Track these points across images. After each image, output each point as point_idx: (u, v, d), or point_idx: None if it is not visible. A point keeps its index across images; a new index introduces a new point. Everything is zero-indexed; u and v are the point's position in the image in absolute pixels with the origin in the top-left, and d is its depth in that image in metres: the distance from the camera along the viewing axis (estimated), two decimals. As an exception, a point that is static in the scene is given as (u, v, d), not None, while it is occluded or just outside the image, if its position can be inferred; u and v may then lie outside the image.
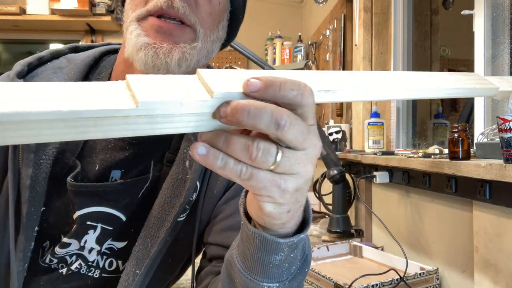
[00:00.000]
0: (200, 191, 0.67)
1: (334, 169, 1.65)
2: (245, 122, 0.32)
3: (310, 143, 0.35)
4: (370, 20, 1.89)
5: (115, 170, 0.66)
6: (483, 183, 0.93)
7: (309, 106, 0.34)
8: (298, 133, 0.33)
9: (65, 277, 0.66)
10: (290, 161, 0.34)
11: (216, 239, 0.66)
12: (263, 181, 0.34)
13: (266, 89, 0.33)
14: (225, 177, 0.35)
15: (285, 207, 0.37)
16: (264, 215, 0.38)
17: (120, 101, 0.30)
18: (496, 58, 1.22)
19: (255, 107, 0.32)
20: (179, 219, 0.65)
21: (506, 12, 1.20)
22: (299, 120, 0.33)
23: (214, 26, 0.64)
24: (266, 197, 0.36)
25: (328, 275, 1.16)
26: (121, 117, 0.29)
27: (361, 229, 1.73)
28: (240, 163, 0.34)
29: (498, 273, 0.94)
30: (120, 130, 0.30)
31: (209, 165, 0.34)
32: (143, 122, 0.30)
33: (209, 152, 0.33)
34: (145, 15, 0.60)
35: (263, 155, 0.33)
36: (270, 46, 3.30)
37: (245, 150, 0.33)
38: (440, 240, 1.22)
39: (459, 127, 0.99)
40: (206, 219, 0.69)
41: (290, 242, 0.42)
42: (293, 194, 0.36)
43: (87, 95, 0.30)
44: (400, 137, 1.79)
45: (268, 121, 0.32)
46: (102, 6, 3.07)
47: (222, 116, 0.32)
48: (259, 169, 0.34)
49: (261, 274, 0.44)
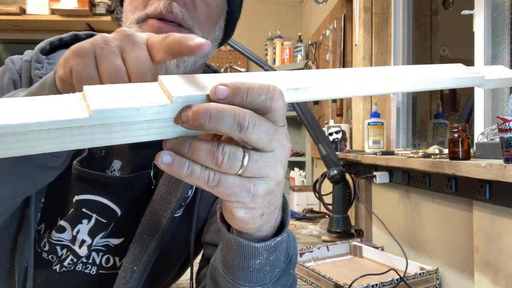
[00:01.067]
0: (197, 189, 0.67)
1: (334, 169, 1.66)
2: (207, 126, 0.31)
3: (277, 144, 0.34)
4: (370, 20, 1.89)
5: (116, 160, 0.67)
6: (483, 183, 0.93)
7: (279, 109, 0.33)
8: (264, 134, 0.32)
9: (61, 274, 0.66)
10: (258, 164, 0.33)
11: (213, 239, 0.66)
12: (231, 187, 0.33)
13: (233, 96, 0.32)
14: (193, 184, 0.34)
15: (257, 211, 0.36)
16: (237, 220, 0.37)
17: (72, 111, 0.29)
18: (496, 58, 1.22)
19: (216, 110, 0.31)
20: (176, 215, 0.65)
21: (506, 12, 1.20)
22: (264, 121, 0.32)
23: (211, 27, 0.65)
24: (236, 203, 0.35)
25: (328, 275, 1.16)
26: (75, 128, 0.28)
27: (361, 229, 1.73)
28: (207, 170, 0.32)
29: (498, 273, 0.94)
30: (74, 142, 0.29)
31: (175, 174, 0.32)
32: (100, 132, 0.29)
33: (174, 160, 0.32)
34: (144, 18, 0.61)
35: (229, 159, 0.32)
36: (270, 46, 3.30)
37: (211, 155, 0.32)
38: (440, 240, 1.22)
39: (459, 127, 0.99)
40: (204, 216, 0.69)
41: (267, 245, 0.41)
42: (265, 198, 0.35)
43: (40, 108, 0.28)
44: (400, 137, 1.79)
45: (231, 123, 0.31)
46: (102, 6, 3.07)
47: (184, 121, 0.31)
48: (226, 175, 0.33)
49: (242, 279, 0.44)
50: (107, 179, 0.65)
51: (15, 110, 0.28)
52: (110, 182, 0.65)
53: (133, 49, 0.37)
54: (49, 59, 0.67)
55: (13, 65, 0.66)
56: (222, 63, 3.39)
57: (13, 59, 0.68)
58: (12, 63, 0.67)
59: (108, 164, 0.67)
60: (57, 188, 0.65)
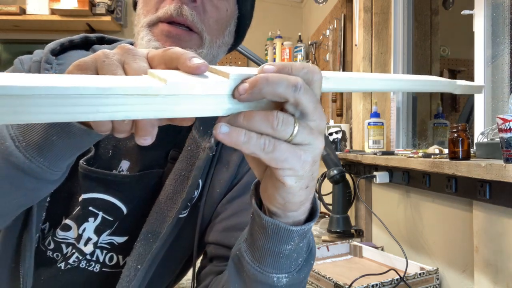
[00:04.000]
0: (203, 189, 0.68)
1: (334, 169, 1.66)
2: (265, 89, 0.34)
3: (318, 115, 0.37)
4: (370, 20, 1.89)
5: (124, 160, 0.68)
6: (483, 183, 0.93)
7: (318, 81, 0.37)
8: (311, 99, 0.36)
9: (65, 271, 0.66)
10: (305, 131, 0.36)
11: (217, 239, 0.66)
12: (285, 152, 0.36)
13: (280, 71, 0.36)
14: (249, 153, 0.36)
15: (304, 181, 0.39)
16: (286, 191, 0.39)
17: (149, 81, 0.33)
18: (496, 58, 1.22)
19: (272, 75, 0.35)
20: (181, 215, 0.65)
21: (506, 12, 1.20)
22: (310, 89, 0.36)
23: (220, 32, 0.67)
24: (287, 170, 0.37)
25: (328, 275, 1.16)
26: (151, 96, 0.32)
27: (361, 229, 1.73)
28: (263, 137, 0.35)
29: (498, 273, 0.94)
30: (150, 110, 0.32)
31: (233, 142, 0.35)
32: (170, 103, 0.32)
33: (232, 129, 0.35)
34: (155, 22, 0.62)
35: (283, 124, 0.35)
36: (270, 46, 3.30)
37: (266, 120, 0.35)
38: (440, 240, 1.22)
39: (459, 127, 0.99)
40: (208, 218, 0.69)
41: (301, 230, 0.43)
42: (311, 166, 0.38)
43: (118, 79, 0.32)
44: (400, 137, 1.79)
45: (286, 85, 0.34)
46: (102, 6, 3.06)
47: (242, 93, 0.34)
48: (280, 141, 0.36)
49: (270, 265, 0.46)
50: (114, 177, 0.66)
51: (96, 79, 0.31)
52: (117, 181, 0.65)
53: (134, 60, 0.38)
54: (59, 60, 0.68)
55: (21, 65, 0.67)
56: (222, 63, 3.39)
57: (22, 59, 0.69)
58: (20, 64, 0.68)
59: (115, 164, 0.67)
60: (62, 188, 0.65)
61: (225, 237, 0.65)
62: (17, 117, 0.28)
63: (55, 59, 0.68)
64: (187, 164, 0.66)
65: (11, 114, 0.27)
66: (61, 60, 0.69)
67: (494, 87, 1.23)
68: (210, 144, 0.67)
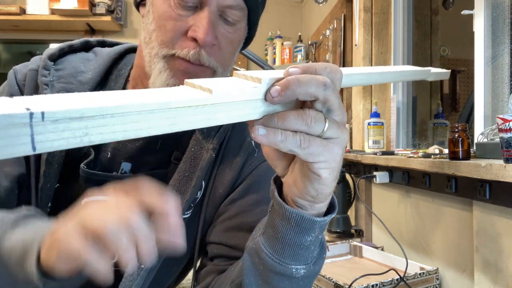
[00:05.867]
0: (206, 190, 0.68)
1: (334, 169, 1.65)
2: (298, 90, 0.37)
3: (342, 110, 0.41)
4: (370, 20, 1.89)
5: (125, 162, 0.68)
6: (483, 183, 0.93)
7: (340, 79, 0.41)
8: (337, 95, 0.39)
9: None
10: (334, 126, 0.39)
11: (220, 238, 0.66)
12: (319, 147, 0.39)
13: (305, 72, 0.39)
14: (287, 150, 0.38)
15: (335, 173, 0.42)
16: (320, 183, 0.42)
17: (196, 92, 0.35)
18: (496, 58, 1.22)
19: (303, 76, 0.38)
20: (184, 216, 0.66)
21: (506, 12, 1.20)
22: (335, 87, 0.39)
23: (231, 59, 0.69)
24: (322, 163, 0.40)
25: (328, 275, 1.16)
26: (200, 106, 0.34)
27: (361, 229, 1.73)
28: (298, 134, 0.38)
29: (498, 273, 0.94)
30: (199, 120, 0.34)
31: (272, 142, 0.38)
32: (214, 111, 0.35)
33: (269, 130, 0.38)
34: (171, 55, 0.63)
35: (316, 121, 0.38)
36: (270, 46, 3.30)
37: (300, 118, 0.38)
38: (440, 240, 1.22)
39: (459, 127, 0.99)
40: (210, 218, 0.69)
41: (323, 221, 0.46)
42: (340, 159, 0.41)
43: (165, 94, 0.34)
44: (400, 137, 1.79)
45: (316, 84, 0.37)
46: (102, 6, 3.06)
47: (274, 96, 0.37)
48: (314, 137, 0.39)
49: (290, 257, 0.47)
50: (116, 178, 0.66)
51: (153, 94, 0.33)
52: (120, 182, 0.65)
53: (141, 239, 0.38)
54: (57, 65, 0.69)
55: (14, 76, 0.68)
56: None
57: (16, 69, 0.69)
58: (14, 75, 0.68)
59: (115, 166, 0.67)
60: (64, 192, 0.66)
61: (227, 237, 0.65)
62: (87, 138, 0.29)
63: (54, 64, 0.68)
64: (191, 165, 0.66)
65: (82, 136, 0.29)
66: (60, 66, 0.69)
67: (494, 87, 1.22)
68: (213, 145, 0.67)
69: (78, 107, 0.27)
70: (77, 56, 0.72)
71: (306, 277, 0.50)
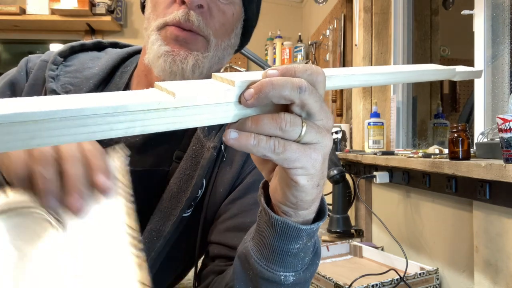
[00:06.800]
0: (206, 189, 0.69)
1: (334, 169, 1.65)
2: (271, 93, 0.35)
3: (325, 114, 0.38)
4: (370, 20, 1.89)
5: None
6: (483, 183, 0.93)
7: (322, 82, 0.38)
8: (317, 99, 0.37)
9: None
10: (313, 130, 0.37)
11: (220, 238, 0.66)
12: (296, 152, 0.37)
13: (284, 75, 0.36)
14: (260, 155, 0.36)
15: (315, 180, 0.40)
16: (298, 190, 0.40)
17: (159, 95, 0.34)
18: (496, 58, 1.22)
19: (277, 79, 0.35)
20: (185, 214, 0.66)
21: (506, 12, 1.20)
22: (314, 90, 0.37)
23: (226, 35, 0.68)
24: (299, 169, 0.38)
25: (328, 275, 1.16)
26: (162, 110, 0.33)
27: (361, 229, 1.73)
28: (272, 139, 0.36)
29: (498, 273, 0.94)
30: (161, 124, 0.33)
31: (243, 146, 0.36)
32: (181, 115, 0.34)
33: (241, 134, 0.36)
34: (163, 25, 0.64)
35: (291, 125, 0.36)
36: (270, 46, 3.30)
37: (274, 122, 0.36)
38: (440, 240, 1.22)
39: (459, 127, 0.99)
40: (211, 217, 0.70)
41: (310, 229, 0.44)
42: (322, 165, 0.39)
43: (128, 96, 0.33)
44: (400, 137, 1.79)
45: (291, 87, 0.35)
46: (102, 6, 3.06)
47: (248, 98, 0.35)
48: (290, 142, 0.37)
49: (278, 264, 0.46)
50: None
51: (108, 97, 0.32)
52: None
53: None
54: (67, 61, 0.71)
55: (26, 63, 0.70)
56: (222, 63, 3.39)
57: (30, 57, 0.71)
58: (26, 62, 0.70)
59: None
60: None
61: (227, 237, 0.65)
62: (34, 142, 0.29)
63: (63, 61, 0.70)
64: (192, 164, 0.67)
65: (28, 140, 0.28)
66: (69, 62, 0.71)
67: (494, 87, 1.23)
68: (214, 143, 0.68)
69: (22, 111, 0.27)
70: (88, 55, 0.75)
71: (297, 284, 0.48)
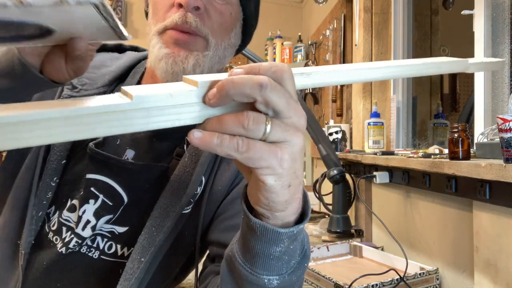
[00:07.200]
0: (206, 186, 0.70)
1: (334, 169, 1.65)
2: (232, 91, 0.35)
3: (294, 111, 0.37)
4: (370, 20, 1.89)
5: (130, 149, 0.71)
6: (483, 183, 0.93)
7: (289, 79, 0.37)
8: (282, 97, 0.36)
9: (66, 256, 0.67)
10: (279, 128, 0.36)
11: (219, 238, 0.67)
12: (260, 151, 0.36)
13: (248, 73, 0.36)
14: (224, 155, 0.36)
15: (285, 180, 0.38)
16: (267, 191, 0.38)
17: (117, 99, 0.34)
18: (496, 58, 1.22)
19: (237, 77, 0.35)
20: (184, 211, 0.67)
21: (506, 12, 1.20)
22: (279, 86, 0.36)
23: (225, 34, 0.70)
24: (265, 169, 0.37)
25: (328, 275, 1.16)
26: (120, 112, 0.33)
27: (361, 229, 1.73)
28: (235, 137, 0.35)
29: (498, 273, 0.94)
30: (120, 126, 0.34)
31: (207, 145, 0.35)
32: (139, 116, 0.34)
33: (205, 134, 0.35)
34: (163, 30, 0.66)
35: (254, 122, 0.35)
36: (270, 46, 3.30)
37: (237, 121, 0.35)
38: (440, 240, 1.22)
39: (459, 127, 0.99)
40: (210, 215, 0.70)
41: (290, 232, 0.42)
42: (291, 164, 0.37)
43: (90, 101, 0.34)
44: (400, 137, 1.79)
45: (251, 84, 0.35)
46: (102, 6, 3.06)
47: (211, 98, 0.35)
48: (254, 140, 0.36)
49: (261, 267, 0.45)
50: (117, 162, 0.68)
51: (67, 103, 0.34)
52: (120, 166, 0.68)
53: None
54: None
55: None
56: (222, 63, 3.39)
57: None
58: None
59: (121, 152, 0.71)
60: (71, 170, 0.69)
61: (226, 237, 0.65)
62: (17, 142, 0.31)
63: None
64: (191, 161, 0.68)
65: None
66: None
67: (494, 87, 1.23)
68: None
69: None
70: (109, 55, 0.79)
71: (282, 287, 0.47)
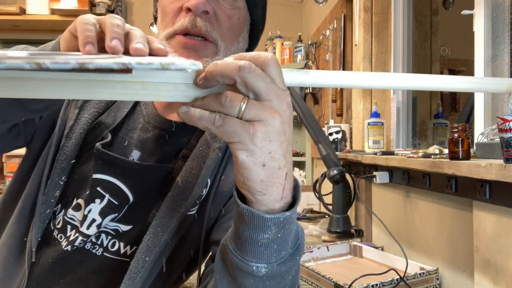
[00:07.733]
0: (211, 188, 0.70)
1: (334, 169, 1.65)
2: (214, 72, 0.40)
3: (275, 96, 0.40)
4: (370, 20, 1.89)
5: (136, 150, 0.72)
6: (483, 183, 0.93)
7: (273, 65, 0.40)
8: (261, 79, 0.40)
9: (71, 253, 0.68)
10: (255, 107, 0.40)
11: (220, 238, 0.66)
12: (233, 126, 0.39)
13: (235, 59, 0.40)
14: (202, 127, 0.41)
15: (258, 158, 0.41)
16: (240, 167, 0.42)
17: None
18: (496, 58, 1.22)
19: (221, 61, 0.40)
20: (189, 213, 0.68)
21: (506, 12, 1.20)
22: (259, 70, 0.40)
23: (234, 39, 0.71)
24: (238, 143, 0.40)
25: (328, 275, 1.16)
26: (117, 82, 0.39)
27: (361, 229, 1.73)
28: (214, 113, 0.40)
29: (498, 273, 0.94)
30: (117, 94, 0.40)
31: (189, 118, 0.41)
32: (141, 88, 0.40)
33: (190, 109, 0.41)
34: (172, 34, 0.67)
35: (230, 101, 0.39)
36: (270, 46, 3.30)
37: (217, 98, 0.40)
38: (440, 240, 1.22)
39: (459, 127, 0.99)
40: (215, 217, 0.71)
41: (276, 219, 0.44)
42: (264, 143, 0.40)
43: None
44: (400, 137, 1.79)
45: (231, 66, 0.39)
46: (102, 6, 3.07)
47: (200, 79, 0.41)
48: (230, 117, 0.40)
49: (250, 254, 0.46)
50: (123, 162, 0.69)
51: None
52: (126, 166, 0.69)
53: None
54: None
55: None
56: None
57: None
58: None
59: (128, 153, 0.71)
60: (78, 169, 0.70)
61: None
62: None
63: None
64: (197, 163, 0.69)
65: None
66: None
67: (494, 87, 1.22)
68: (219, 144, 0.70)
69: None
70: None
71: (271, 277, 0.48)
